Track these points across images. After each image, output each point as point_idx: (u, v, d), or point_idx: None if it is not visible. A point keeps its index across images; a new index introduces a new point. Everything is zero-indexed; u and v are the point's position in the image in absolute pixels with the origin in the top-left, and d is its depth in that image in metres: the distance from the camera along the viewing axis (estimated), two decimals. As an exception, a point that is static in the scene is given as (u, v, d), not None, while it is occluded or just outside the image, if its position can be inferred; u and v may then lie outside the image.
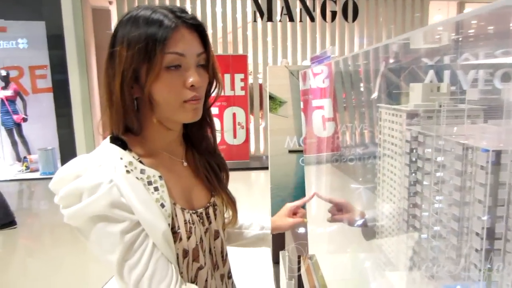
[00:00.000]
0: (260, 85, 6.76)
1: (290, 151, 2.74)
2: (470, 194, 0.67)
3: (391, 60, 1.39)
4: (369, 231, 1.19)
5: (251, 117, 6.61)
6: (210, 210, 0.87)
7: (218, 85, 0.82)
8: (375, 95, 1.53)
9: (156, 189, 0.73)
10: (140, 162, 0.75)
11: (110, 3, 6.56)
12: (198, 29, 0.73)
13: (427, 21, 6.46)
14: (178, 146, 0.87)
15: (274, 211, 2.74)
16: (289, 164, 2.74)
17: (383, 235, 1.10)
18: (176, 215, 0.76)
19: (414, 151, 0.91)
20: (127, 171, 0.71)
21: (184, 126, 0.86)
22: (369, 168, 1.35)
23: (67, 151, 5.69)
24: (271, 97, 2.67)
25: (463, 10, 6.67)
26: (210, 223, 0.86)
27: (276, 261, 2.72)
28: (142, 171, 0.73)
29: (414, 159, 0.91)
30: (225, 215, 0.94)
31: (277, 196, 2.78)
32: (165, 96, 0.71)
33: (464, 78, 0.82)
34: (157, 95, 0.71)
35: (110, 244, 0.68)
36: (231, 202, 0.93)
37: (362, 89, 1.53)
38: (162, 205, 0.73)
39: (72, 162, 0.70)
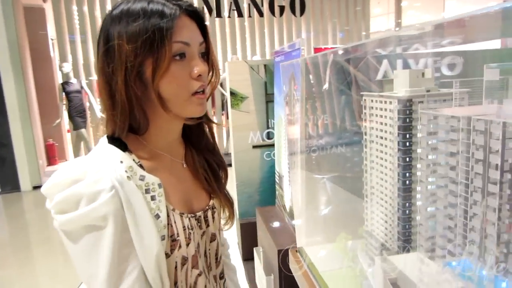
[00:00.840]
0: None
1: (254, 147, 2.72)
2: (484, 169, 0.69)
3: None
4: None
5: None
6: (209, 213, 0.85)
7: (216, 75, 0.79)
8: (325, 86, 1.55)
9: (153, 198, 0.69)
10: (140, 166, 0.70)
11: (44, 1, 6.09)
12: (198, 16, 0.70)
13: (369, 14, 6.75)
14: (178, 146, 0.83)
15: (241, 208, 2.71)
16: (254, 160, 2.72)
17: (374, 221, 1.11)
18: (175, 222, 0.73)
19: (408, 135, 0.92)
20: (128, 177, 0.66)
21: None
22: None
23: (6, 164, 5.21)
24: (232, 93, 2.63)
25: (400, 4, 7.05)
26: (207, 226, 0.84)
27: (246, 258, 2.69)
28: (141, 178, 0.69)
29: (409, 144, 0.92)
30: (222, 216, 0.91)
31: (243, 192, 2.75)
32: (174, 89, 0.67)
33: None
34: (165, 89, 0.67)
35: (96, 260, 0.63)
36: (229, 203, 0.90)
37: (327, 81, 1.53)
38: (157, 216, 0.69)
39: (69, 166, 0.65)
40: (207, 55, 0.74)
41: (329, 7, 6.45)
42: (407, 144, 0.92)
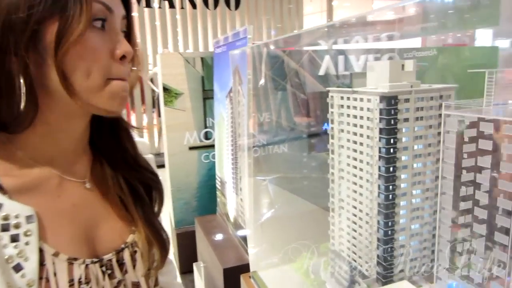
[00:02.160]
0: (140, 78, 6.19)
1: (191, 148, 2.46)
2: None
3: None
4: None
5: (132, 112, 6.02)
6: (126, 254, 0.61)
7: (138, 63, 0.59)
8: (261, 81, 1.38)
9: (14, 239, 0.48)
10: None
11: None
12: None
13: (302, 12, 6.77)
14: (78, 159, 0.60)
15: (176, 216, 2.45)
16: (190, 163, 2.46)
17: (343, 239, 0.94)
18: (55, 274, 0.51)
19: (393, 140, 0.76)
20: None
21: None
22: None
23: None
24: (165, 89, 2.34)
25: (331, 3, 7.19)
26: (125, 273, 0.61)
27: (184, 271, 2.44)
28: None
29: (393, 150, 0.76)
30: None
31: (179, 199, 2.48)
32: (86, 68, 0.49)
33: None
34: (72, 65, 0.48)
35: None
36: (158, 240, 0.65)
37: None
38: (17, 268, 0.48)
39: None
40: (128, 36, 0.56)
41: (264, 3, 6.34)
42: (391, 150, 0.76)
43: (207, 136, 2.42)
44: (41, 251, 0.49)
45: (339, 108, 0.89)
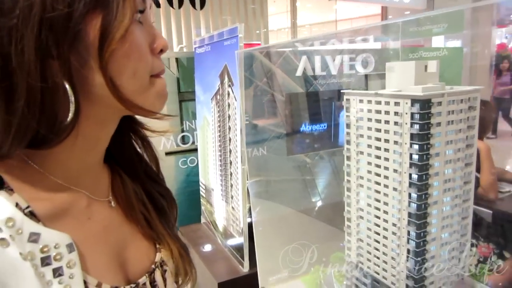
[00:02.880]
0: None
1: (168, 153, 2.34)
2: None
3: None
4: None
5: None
6: (157, 275, 0.57)
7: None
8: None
9: (58, 273, 0.41)
10: (31, 213, 0.42)
11: None
12: None
13: (267, 12, 6.75)
14: (101, 175, 0.55)
15: (154, 225, 2.31)
16: (167, 169, 2.33)
17: (363, 251, 0.89)
18: None
19: (426, 146, 0.71)
20: (3, 241, 0.37)
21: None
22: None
23: None
24: (139, 91, 2.21)
25: (295, 3, 7.24)
26: None
27: None
28: (33, 238, 0.40)
29: (426, 157, 0.72)
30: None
31: (156, 207, 2.35)
32: (133, 67, 0.43)
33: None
34: (118, 66, 0.42)
35: None
36: (183, 252, 0.61)
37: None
38: None
39: None
40: None
41: (229, 2, 6.25)
42: (424, 157, 0.72)
43: (184, 140, 2.32)
44: (84, 283, 0.44)
45: (357, 112, 0.84)
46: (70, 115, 0.40)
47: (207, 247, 1.63)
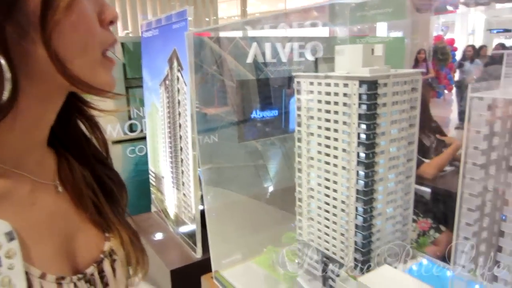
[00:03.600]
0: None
1: (114, 142, 2.24)
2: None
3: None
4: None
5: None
6: (106, 265, 0.53)
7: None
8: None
9: None
10: None
11: None
12: None
13: (216, 2, 6.69)
14: (46, 157, 0.51)
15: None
16: (115, 158, 2.20)
17: (314, 229, 0.92)
18: None
19: (373, 126, 0.74)
20: None
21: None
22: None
23: None
24: (81, 77, 2.09)
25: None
26: (106, 285, 0.53)
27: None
28: None
29: (373, 136, 0.75)
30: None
31: (103, 198, 2.25)
32: (82, 40, 0.40)
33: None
34: (63, 39, 0.38)
35: None
36: (136, 241, 0.58)
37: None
38: None
39: None
40: None
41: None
42: (371, 136, 0.75)
43: (132, 128, 2.23)
44: (26, 274, 0.40)
45: (307, 94, 0.85)
46: (6, 93, 0.36)
47: (158, 236, 1.60)
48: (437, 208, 1.24)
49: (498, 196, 0.64)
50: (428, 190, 1.32)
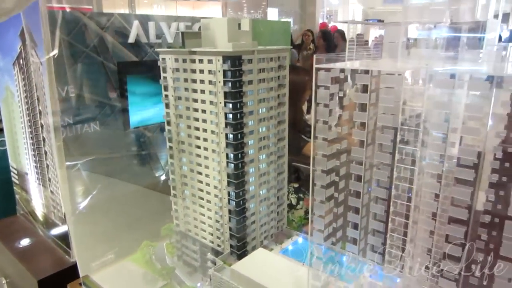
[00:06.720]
0: None
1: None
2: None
3: None
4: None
5: None
6: None
7: None
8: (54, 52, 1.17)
9: None
10: None
11: None
12: None
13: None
14: None
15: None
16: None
17: (190, 218, 0.86)
18: None
19: (239, 104, 0.70)
20: None
21: None
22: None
23: None
24: None
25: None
26: None
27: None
28: None
29: (240, 116, 0.71)
30: None
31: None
32: None
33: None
34: None
35: None
36: None
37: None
38: None
39: None
40: None
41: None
42: (239, 116, 0.71)
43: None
44: None
45: (173, 72, 0.78)
46: None
47: (25, 242, 1.38)
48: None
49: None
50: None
